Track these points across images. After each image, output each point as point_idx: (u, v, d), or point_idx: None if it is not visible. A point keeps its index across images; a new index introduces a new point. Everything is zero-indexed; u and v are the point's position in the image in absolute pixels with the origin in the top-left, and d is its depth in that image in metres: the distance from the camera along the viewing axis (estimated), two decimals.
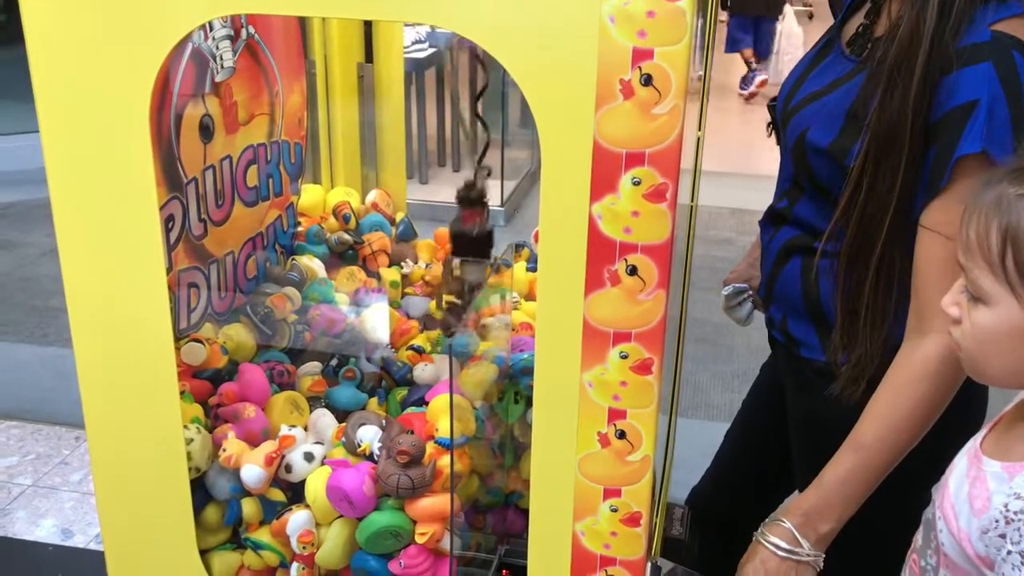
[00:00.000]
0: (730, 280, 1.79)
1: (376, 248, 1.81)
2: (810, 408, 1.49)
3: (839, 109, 1.30)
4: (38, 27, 1.08)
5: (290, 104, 1.70)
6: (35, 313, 4.02)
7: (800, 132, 1.37)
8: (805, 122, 1.37)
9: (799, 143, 1.37)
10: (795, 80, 1.45)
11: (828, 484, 1.27)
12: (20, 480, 2.95)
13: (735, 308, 1.76)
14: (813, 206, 1.39)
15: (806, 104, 1.38)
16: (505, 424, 1.48)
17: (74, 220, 1.17)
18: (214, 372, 1.42)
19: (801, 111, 1.39)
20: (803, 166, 1.38)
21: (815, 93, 1.38)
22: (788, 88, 1.45)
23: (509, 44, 0.96)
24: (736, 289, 1.75)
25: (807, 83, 1.41)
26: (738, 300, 1.76)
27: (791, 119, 1.40)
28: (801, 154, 1.37)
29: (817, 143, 1.33)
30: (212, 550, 1.35)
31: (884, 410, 1.25)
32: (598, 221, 0.99)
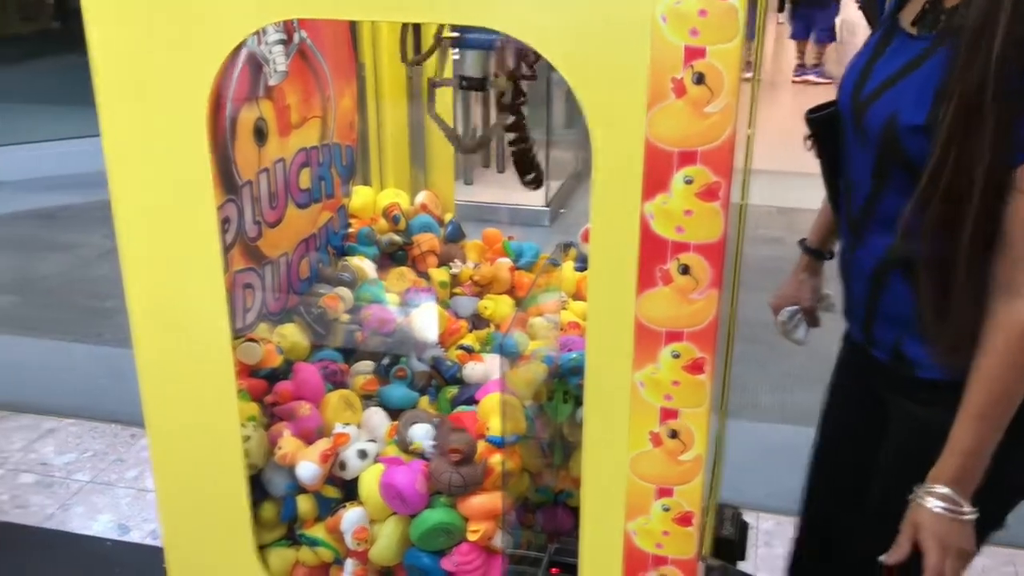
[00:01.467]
0: (779, 302, 1.78)
1: (425, 249, 1.82)
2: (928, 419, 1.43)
3: (927, 86, 1.28)
4: (101, 35, 1.11)
5: (342, 107, 1.72)
6: (91, 313, 4.11)
7: (886, 118, 1.34)
8: (889, 107, 1.34)
9: (888, 129, 1.33)
10: (859, 72, 1.42)
11: (965, 452, 1.29)
12: (78, 476, 3.02)
13: (792, 331, 1.76)
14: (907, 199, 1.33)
15: (883, 91, 1.36)
16: (554, 423, 1.48)
17: (134, 222, 1.19)
18: (269, 371, 1.45)
19: (878, 99, 1.36)
20: (894, 152, 1.34)
21: (890, 78, 1.35)
22: (853, 82, 1.42)
23: (560, 45, 0.97)
24: (790, 313, 1.76)
25: (875, 72, 1.39)
26: (793, 323, 1.75)
27: (867, 109, 1.37)
28: (892, 139, 1.33)
29: (913, 122, 1.29)
30: (268, 546, 1.37)
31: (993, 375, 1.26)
32: (650, 220, 0.99)
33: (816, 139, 1.51)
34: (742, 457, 3.08)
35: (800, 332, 1.77)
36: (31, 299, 4.31)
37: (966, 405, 1.29)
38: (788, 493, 2.91)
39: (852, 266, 1.49)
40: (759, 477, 2.99)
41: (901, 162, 1.34)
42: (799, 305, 1.76)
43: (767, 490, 2.94)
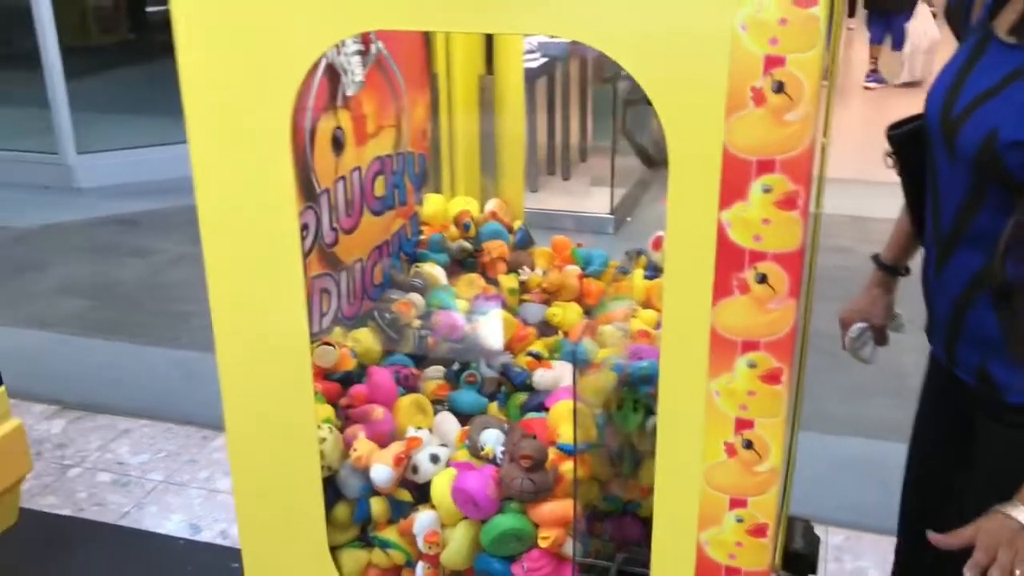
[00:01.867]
0: (849, 317, 1.73)
1: (495, 255, 1.84)
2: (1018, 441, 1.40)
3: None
4: (188, 47, 1.15)
5: (415, 116, 1.75)
6: (167, 317, 4.21)
7: (985, 134, 1.28)
8: (988, 123, 1.28)
9: (987, 146, 1.28)
10: (949, 87, 1.36)
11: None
12: (152, 476, 3.10)
13: (860, 349, 1.72)
14: (1003, 217, 1.28)
15: (978, 106, 1.30)
16: (624, 432, 1.48)
17: (218, 227, 1.23)
18: (344, 374, 1.47)
19: (973, 114, 1.31)
20: (993, 170, 1.29)
21: (987, 92, 1.29)
22: (942, 97, 1.37)
23: (639, 54, 0.97)
24: (860, 330, 1.71)
25: (968, 86, 1.33)
26: (862, 341, 1.70)
27: (961, 126, 1.32)
28: (991, 156, 1.28)
29: (1016, 137, 1.24)
30: (341, 547, 1.39)
31: None
32: (727, 228, 0.99)
33: (898, 156, 1.47)
34: (812, 469, 3.04)
35: (867, 350, 1.72)
36: (109, 303, 4.44)
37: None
38: (858, 507, 2.86)
39: (936, 285, 1.45)
40: (829, 490, 2.94)
41: (1000, 180, 1.29)
42: (869, 322, 1.72)
43: (837, 503, 2.89)
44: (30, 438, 3.23)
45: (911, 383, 3.74)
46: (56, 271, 4.81)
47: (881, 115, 7.89)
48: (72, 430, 3.37)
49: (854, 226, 5.22)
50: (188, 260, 4.77)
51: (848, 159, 6.32)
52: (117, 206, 5.66)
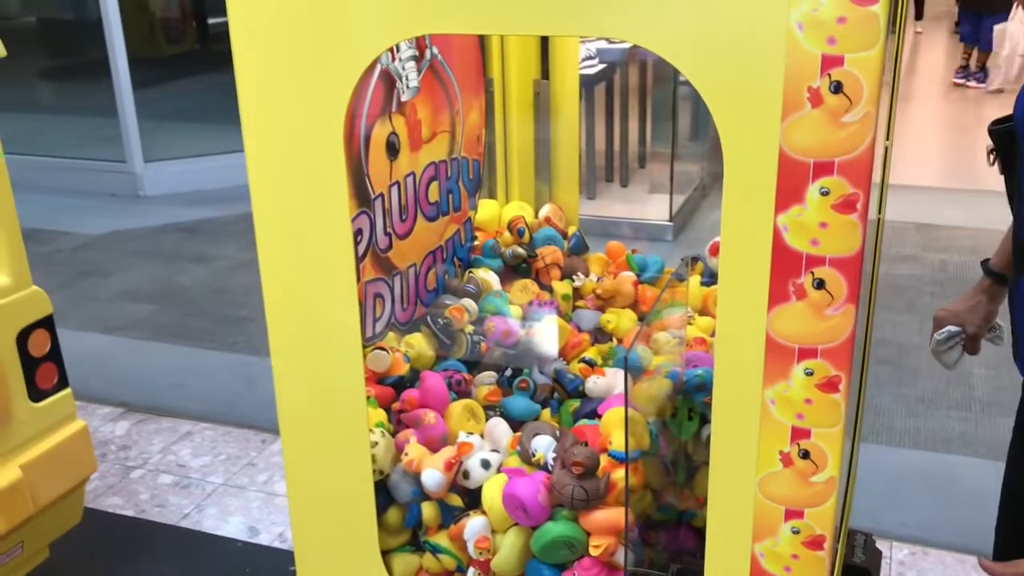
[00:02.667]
0: (942, 319, 1.66)
1: (549, 261, 1.83)
2: None
3: None
4: (245, 56, 1.17)
5: (469, 121, 1.75)
6: (226, 322, 4.29)
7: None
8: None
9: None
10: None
11: None
12: (212, 479, 3.14)
13: (946, 352, 1.65)
14: None
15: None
16: (678, 440, 1.46)
17: (273, 233, 1.24)
18: (397, 379, 1.48)
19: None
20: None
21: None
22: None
23: (692, 55, 0.96)
24: (950, 333, 1.64)
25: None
26: (950, 344, 1.64)
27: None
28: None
29: None
30: (393, 551, 1.40)
31: None
32: (783, 232, 0.97)
33: (999, 153, 1.41)
34: (875, 483, 2.97)
35: (952, 355, 1.64)
36: (171, 308, 4.53)
37: None
38: (923, 522, 2.79)
39: (1019, 296, 1.40)
40: (893, 504, 2.87)
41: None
42: (963, 328, 1.64)
43: (902, 519, 2.81)
44: (95, 440, 3.31)
45: (978, 395, 3.66)
46: (121, 276, 4.93)
47: (964, 120, 7.74)
48: (135, 432, 3.44)
49: (922, 234, 5.10)
50: (247, 266, 4.85)
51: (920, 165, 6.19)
52: (180, 213, 5.79)
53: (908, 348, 3.78)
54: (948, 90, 8.85)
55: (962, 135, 7.39)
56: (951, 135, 7.43)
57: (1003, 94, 8.04)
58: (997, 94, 8.17)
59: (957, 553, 2.65)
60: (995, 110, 5.86)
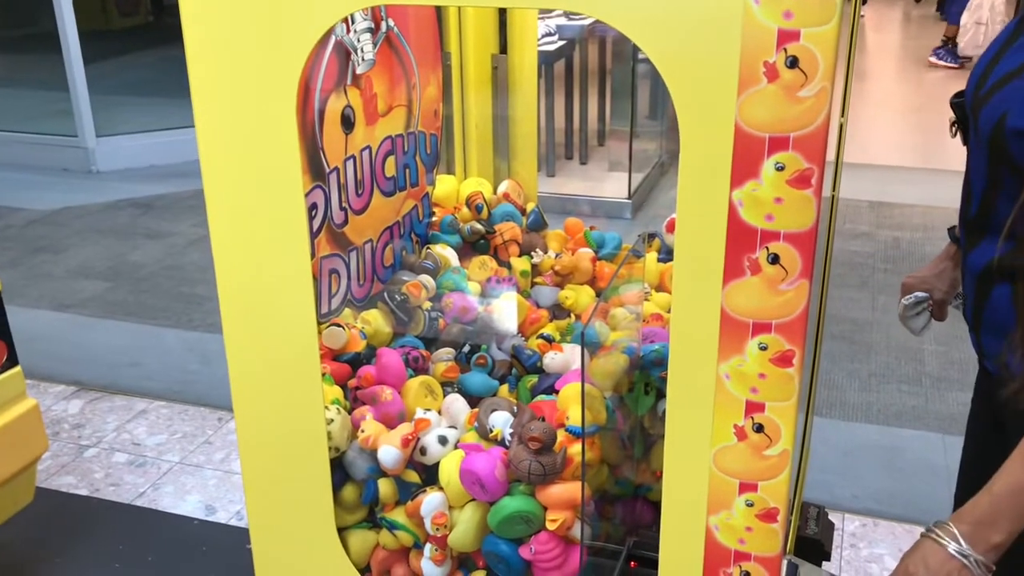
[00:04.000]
0: (909, 286, 1.66)
1: (507, 238, 1.82)
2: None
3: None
4: (195, 26, 1.14)
5: (427, 95, 1.73)
6: (181, 300, 4.23)
7: (997, 119, 1.24)
8: (1002, 106, 1.24)
9: (997, 131, 1.25)
10: (986, 64, 1.32)
11: (998, 494, 1.18)
12: (168, 457, 3.11)
13: (913, 318, 1.66)
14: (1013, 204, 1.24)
15: (1001, 87, 1.26)
16: (634, 415, 1.47)
17: (225, 208, 1.22)
18: (353, 356, 1.47)
19: (995, 95, 1.26)
20: (1002, 158, 1.25)
21: (1011, 73, 1.25)
22: (978, 74, 1.33)
23: (649, 29, 0.95)
24: (917, 299, 1.64)
25: (1000, 64, 1.28)
26: (917, 310, 1.64)
27: (983, 107, 1.28)
28: (1000, 144, 1.25)
29: (1019, 126, 1.20)
30: (349, 528, 1.39)
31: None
32: (739, 208, 0.97)
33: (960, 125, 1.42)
34: (828, 456, 3.02)
35: (919, 321, 1.65)
36: (125, 285, 4.46)
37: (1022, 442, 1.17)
38: (875, 494, 2.84)
39: (966, 271, 1.41)
40: (845, 477, 2.92)
41: (1009, 166, 1.25)
42: (930, 294, 1.65)
43: (853, 491, 2.87)
44: (48, 419, 3.26)
45: (928, 370, 3.73)
46: (74, 253, 4.83)
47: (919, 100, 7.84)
48: (89, 411, 3.39)
49: (875, 212, 5.17)
50: (202, 243, 4.78)
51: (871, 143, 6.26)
52: (134, 189, 5.69)
53: (861, 324, 3.84)
54: (904, 68, 8.96)
55: (919, 114, 7.49)
56: (908, 114, 7.52)
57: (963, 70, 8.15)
58: (958, 71, 8.29)
59: (907, 524, 2.70)
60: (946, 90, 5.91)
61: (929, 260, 1.69)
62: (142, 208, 5.43)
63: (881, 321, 3.83)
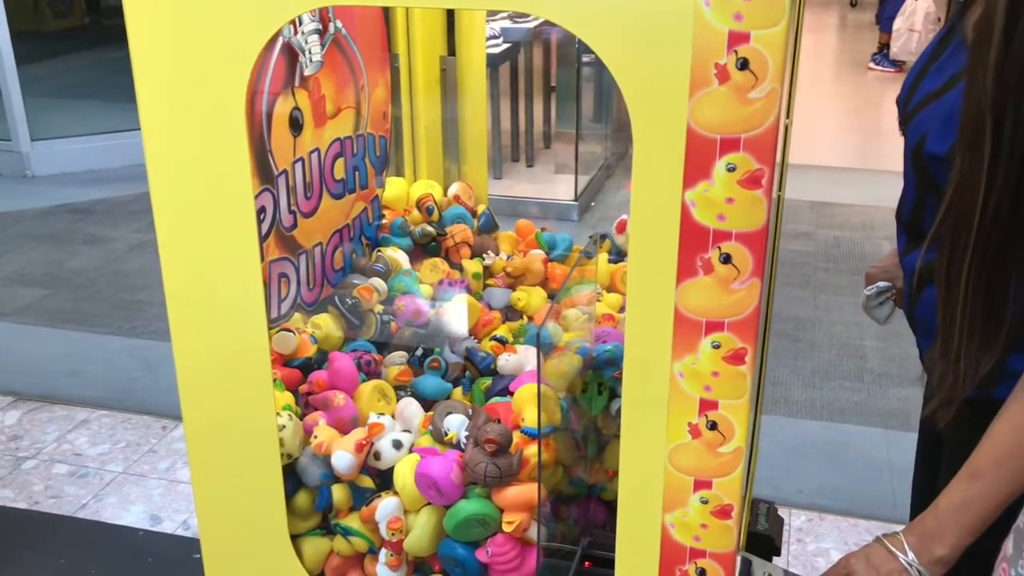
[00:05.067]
0: (872, 275, 1.68)
1: (459, 240, 1.82)
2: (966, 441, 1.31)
3: (956, 108, 1.17)
4: (139, 26, 1.12)
5: (375, 97, 1.72)
6: (123, 306, 4.14)
7: (918, 139, 1.27)
8: (923, 127, 1.27)
9: (917, 151, 1.28)
10: (914, 78, 1.33)
11: (942, 510, 1.20)
12: (111, 467, 3.05)
13: (876, 308, 1.67)
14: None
15: (924, 106, 1.28)
16: (588, 415, 1.47)
17: (172, 212, 1.20)
18: (304, 361, 1.45)
19: (919, 114, 1.29)
20: (925, 177, 1.28)
21: (933, 93, 1.27)
22: (907, 87, 1.35)
23: (601, 30, 0.95)
24: (879, 289, 1.65)
25: (925, 80, 1.30)
26: (880, 300, 1.65)
27: (910, 123, 1.31)
28: (921, 165, 1.28)
29: (935, 151, 1.23)
30: (303, 535, 1.37)
31: (1004, 437, 1.17)
32: (691, 208, 0.98)
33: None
34: (774, 453, 3.07)
35: (883, 311, 1.65)
36: (64, 292, 4.36)
37: (970, 458, 1.19)
38: (820, 489, 2.90)
39: (904, 268, 1.43)
40: (791, 473, 2.97)
41: (934, 189, 1.27)
42: (892, 283, 1.65)
43: (799, 486, 2.92)
44: None
45: (870, 367, 3.81)
46: (8, 260, 4.71)
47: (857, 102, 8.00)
48: (27, 421, 3.30)
49: (816, 212, 5.27)
50: (144, 248, 4.70)
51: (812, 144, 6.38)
52: (72, 194, 5.56)
53: (804, 322, 3.91)
54: (843, 72, 9.15)
55: (857, 117, 7.65)
56: (846, 117, 7.68)
57: (902, 73, 8.34)
58: (895, 75, 8.48)
59: (851, 518, 2.76)
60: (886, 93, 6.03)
61: (869, 259, 1.72)
62: (80, 213, 5.31)
63: (823, 319, 3.91)
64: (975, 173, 1.14)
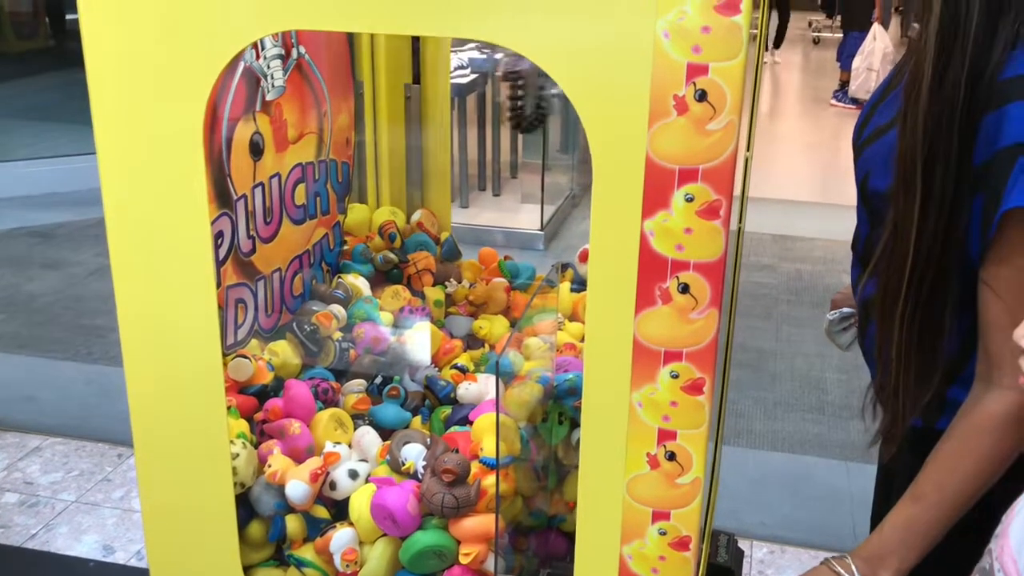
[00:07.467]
0: (838, 302, 1.68)
1: (421, 267, 1.81)
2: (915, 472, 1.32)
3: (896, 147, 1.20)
4: (96, 49, 1.10)
5: (338, 124, 1.71)
6: (81, 332, 4.07)
7: (863, 175, 1.29)
8: (867, 164, 1.29)
9: (863, 186, 1.30)
10: (867, 113, 1.35)
11: (887, 531, 1.22)
12: (63, 496, 2.98)
13: (839, 333, 1.68)
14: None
15: (871, 142, 1.30)
16: (548, 445, 1.46)
17: (127, 236, 1.18)
18: (260, 388, 1.43)
19: (866, 149, 1.31)
20: (872, 211, 1.30)
21: (879, 129, 1.28)
22: (860, 123, 1.37)
23: (562, 60, 0.96)
24: (842, 315, 1.65)
25: (876, 116, 1.32)
26: (843, 326, 1.65)
27: (858, 159, 1.32)
28: (867, 199, 1.30)
29: (878, 187, 1.25)
30: (255, 566, 1.35)
31: (945, 460, 1.19)
32: (650, 238, 0.98)
33: None
34: (736, 484, 3.07)
35: (846, 337, 1.65)
36: (20, 317, 4.28)
37: (914, 481, 1.21)
38: (782, 521, 2.90)
39: (856, 296, 1.46)
40: (752, 504, 2.97)
41: (877, 220, 1.29)
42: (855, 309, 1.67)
43: (760, 518, 2.92)
44: None
45: (831, 399, 3.84)
46: None
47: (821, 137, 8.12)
48: None
49: (778, 245, 5.32)
50: (104, 273, 4.61)
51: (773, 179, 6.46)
52: (31, 217, 5.48)
53: (765, 353, 3.93)
54: (805, 109, 9.31)
55: (818, 151, 7.77)
56: (808, 152, 7.80)
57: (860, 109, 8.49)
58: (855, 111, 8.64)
59: (813, 550, 2.76)
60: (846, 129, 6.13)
61: (831, 292, 1.74)
62: (40, 237, 5.23)
63: (785, 351, 3.94)
64: (908, 213, 1.17)
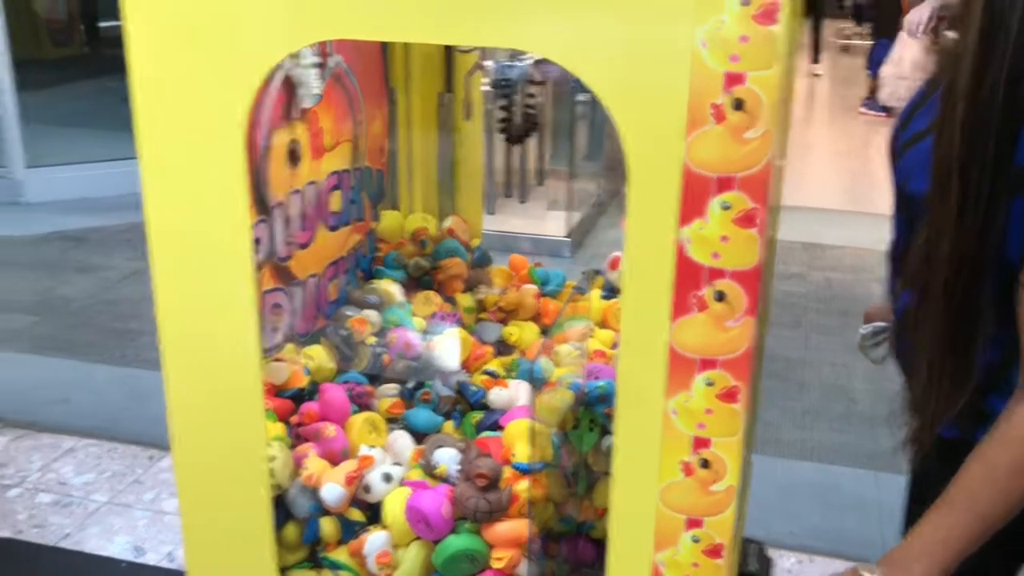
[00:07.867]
0: (871, 315, 1.68)
1: (452, 274, 1.82)
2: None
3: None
4: (140, 59, 1.13)
5: (372, 131, 1.73)
6: (114, 335, 4.13)
7: (903, 179, 1.30)
8: (908, 169, 1.29)
9: (903, 190, 1.30)
10: (904, 119, 1.36)
11: (913, 537, 1.21)
12: (96, 497, 3.02)
13: (871, 348, 1.66)
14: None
15: (909, 147, 1.30)
16: (578, 452, 1.47)
17: (168, 242, 1.20)
18: (296, 391, 1.44)
19: (904, 156, 1.31)
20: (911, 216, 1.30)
21: (918, 134, 1.28)
22: (897, 128, 1.37)
23: (600, 70, 0.97)
24: (875, 329, 1.65)
25: (913, 121, 1.32)
26: (876, 340, 1.65)
27: (897, 164, 1.33)
28: (906, 204, 1.30)
29: (917, 191, 1.24)
30: (290, 568, 1.36)
31: (979, 468, 1.17)
32: (686, 246, 0.98)
33: None
34: (764, 493, 3.05)
35: (879, 351, 1.64)
36: (54, 320, 4.34)
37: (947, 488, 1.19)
38: (810, 531, 2.88)
39: (894, 306, 1.45)
40: (781, 514, 2.96)
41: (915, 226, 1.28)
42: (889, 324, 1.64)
43: (789, 527, 2.90)
44: None
45: (859, 408, 3.81)
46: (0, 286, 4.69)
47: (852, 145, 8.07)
48: (13, 449, 3.27)
49: (808, 253, 5.29)
50: (136, 277, 4.68)
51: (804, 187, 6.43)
52: (66, 222, 5.56)
53: (794, 362, 3.91)
54: (834, 117, 9.24)
55: (848, 160, 7.72)
56: (837, 160, 7.75)
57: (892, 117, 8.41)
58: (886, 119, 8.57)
59: (841, 560, 2.74)
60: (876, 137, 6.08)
61: (860, 301, 1.73)
62: (73, 241, 5.30)
63: (814, 360, 3.91)
64: (945, 219, 1.16)
